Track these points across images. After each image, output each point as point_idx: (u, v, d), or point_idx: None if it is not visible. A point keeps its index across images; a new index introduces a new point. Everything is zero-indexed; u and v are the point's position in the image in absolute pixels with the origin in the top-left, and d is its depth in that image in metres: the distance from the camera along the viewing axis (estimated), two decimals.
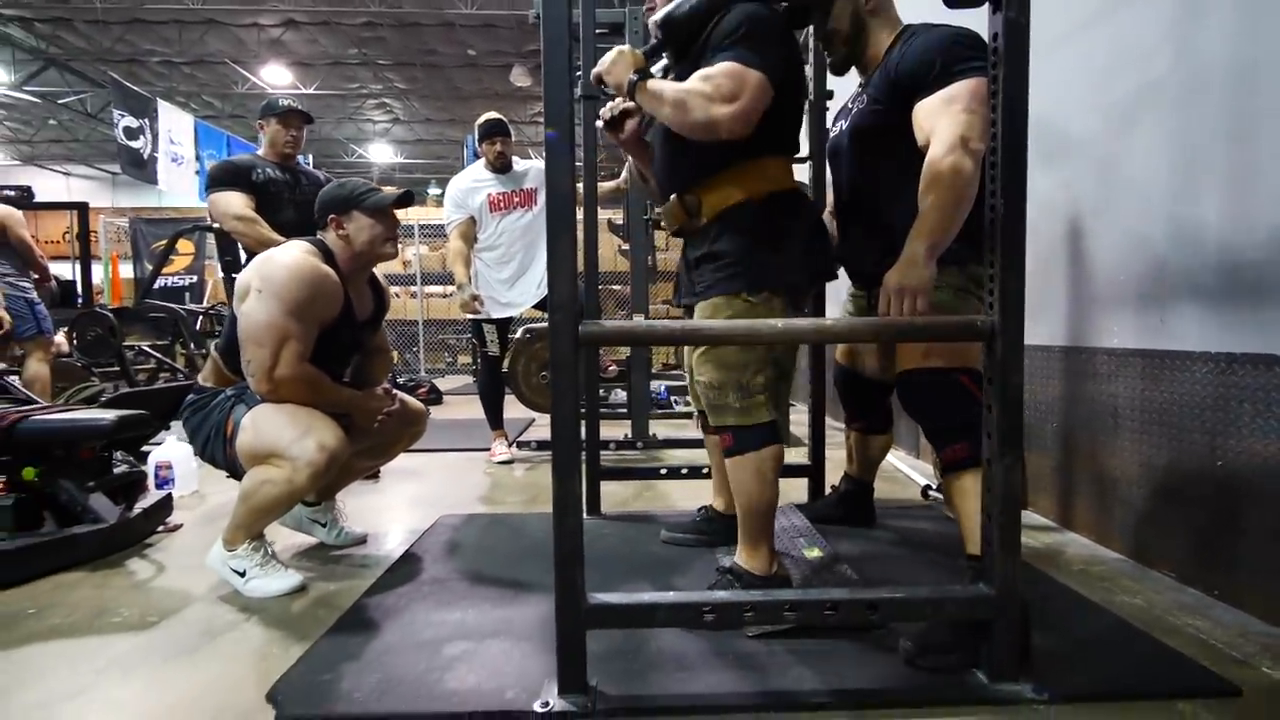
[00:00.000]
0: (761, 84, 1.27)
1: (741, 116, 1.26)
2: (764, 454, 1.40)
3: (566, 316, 1.08)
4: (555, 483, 1.10)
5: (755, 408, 1.39)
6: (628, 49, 1.38)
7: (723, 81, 1.26)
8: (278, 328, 1.56)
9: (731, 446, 1.42)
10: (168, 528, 2.16)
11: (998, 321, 1.10)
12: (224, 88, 13.07)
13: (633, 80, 1.33)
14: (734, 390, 1.38)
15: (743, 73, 1.26)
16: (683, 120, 1.29)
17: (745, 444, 1.40)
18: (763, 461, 1.40)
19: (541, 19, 1.07)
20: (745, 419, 1.39)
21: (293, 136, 2.56)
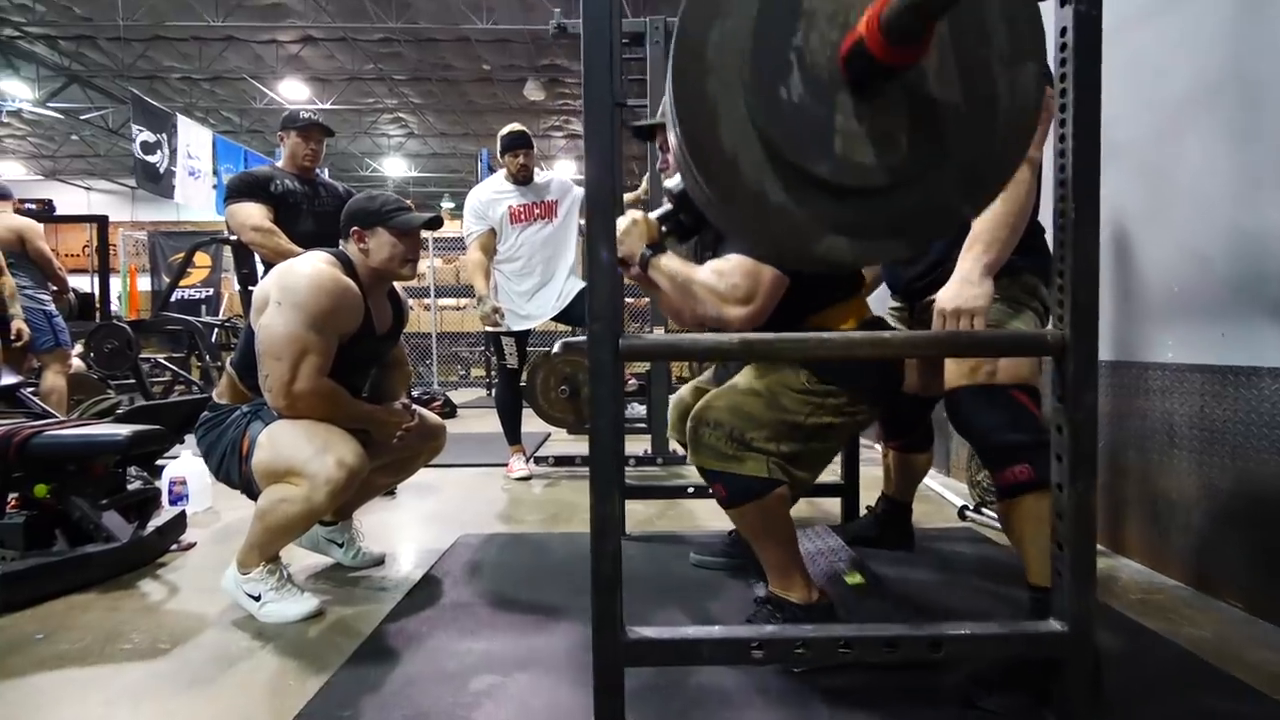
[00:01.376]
0: (776, 281, 1.24)
1: (755, 318, 1.22)
2: (766, 501, 1.25)
3: (606, 327, 1.01)
4: (593, 503, 1.03)
5: (748, 459, 1.24)
6: (641, 218, 1.33)
7: (738, 281, 1.22)
8: (297, 340, 1.50)
9: (725, 499, 1.28)
10: (181, 546, 2.11)
11: (1069, 335, 1.02)
12: (242, 103, 13.24)
13: (646, 255, 1.30)
14: (728, 438, 1.24)
15: (757, 271, 1.22)
16: (694, 311, 1.27)
17: (739, 496, 1.26)
18: (766, 508, 1.26)
19: (583, 16, 1.01)
20: (735, 466, 1.24)
21: (312, 149, 2.53)
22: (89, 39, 10.70)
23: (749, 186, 0.75)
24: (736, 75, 0.74)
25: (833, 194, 0.75)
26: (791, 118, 0.73)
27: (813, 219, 0.76)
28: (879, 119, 0.73)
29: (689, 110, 0.75)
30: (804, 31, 0.73)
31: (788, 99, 0.73)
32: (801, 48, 0.73)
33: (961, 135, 0.76)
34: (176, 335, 6.34)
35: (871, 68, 0.71)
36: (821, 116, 0.73)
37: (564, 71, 12.16)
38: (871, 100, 0.73)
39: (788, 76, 0.73)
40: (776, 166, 0.75)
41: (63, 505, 1.84)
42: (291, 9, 9.95)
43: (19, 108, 12.27)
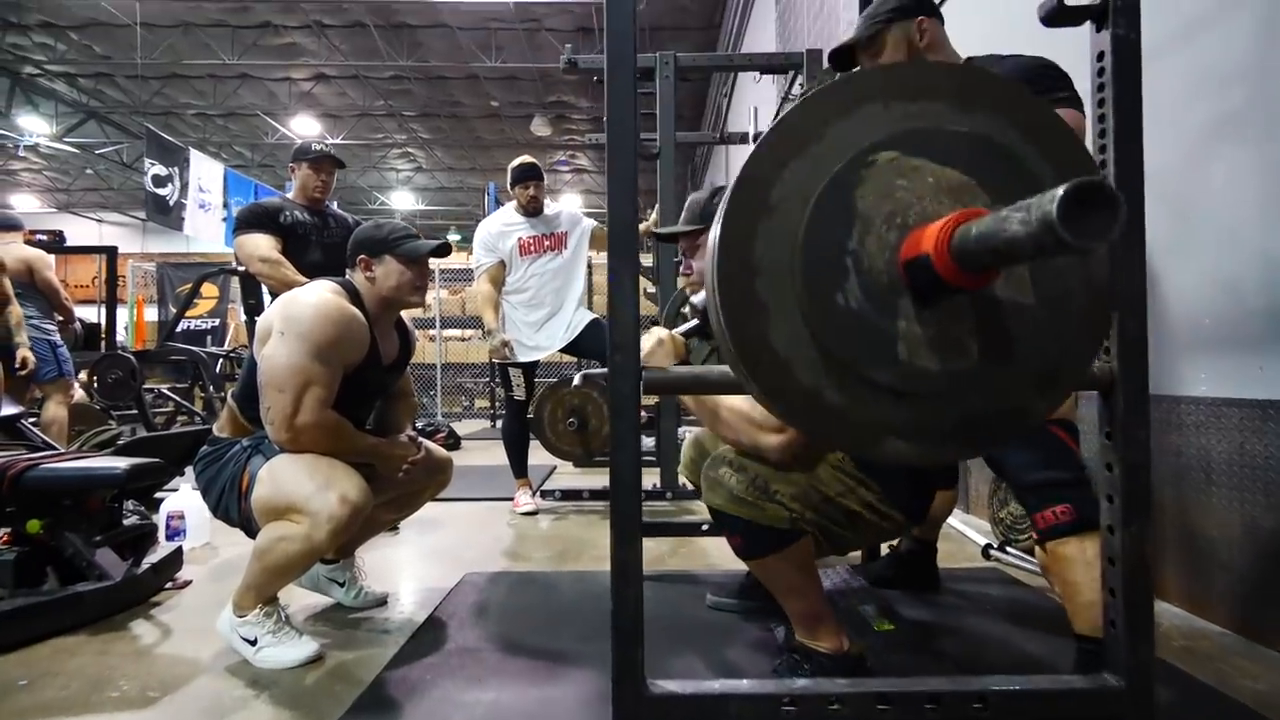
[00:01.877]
0: None
1: (792, 445, 1.17)
2: (787, 552, 1.18)
3: (628, 359, 0.96)
4: (614, 546, 0.97)
5: (767, 507, 1.16)
6: (667, 336, 1.29)
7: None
8: (301, 371, 1.45)
9: (742, 549, 1.21)
10: (176, 584, 2.03)
11: (1117, 369, 0.96)
12: (255, 138, 13.49)
13: None
14: (750, 485, 1.17)
15: None
16: (724, 436, 1.23)
17: (760, 546, 1.18)
18: (789, 559, 1.19)
19: (606, 34, 0.99)
20: (753, 513, 1.16)
21: (323, 181, 2.53)
22: (108, 77, 10.96)
23: (803, 388, 0.71)
24: (788, 279, 0.71)
25: (895, 396, 0.71)
26: (851, 324, 0.69)
27: (873, 422, 0.72)
28: (944, 325, 0.69)
29: (737, 313, 0.71)
30: (859, 235, 0.69)
31: (845, 305, 0.69)
32: (858, 251, 0.69)
33: (1033, 335, 0.72)
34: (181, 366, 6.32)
35: (937, 283, 0.66)
36: (883, 322, 0.69)
37: (570, 107, 12.39)
38: (935, 305, 0.69)
39: (844, 282, 0.69)
40: (833, 370, 0.71)
41: (55, 541, 1.78)
42: (305, 48, 10.20)
43: (36, 142, 12.51)
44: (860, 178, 0.69)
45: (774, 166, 0.72)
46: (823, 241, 0.69)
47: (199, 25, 9.49)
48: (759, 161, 0.72)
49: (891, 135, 0.70)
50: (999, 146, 0.71)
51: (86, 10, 8.96)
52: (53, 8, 8.90)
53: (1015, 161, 0.71)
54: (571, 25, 9.61)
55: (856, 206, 0.69)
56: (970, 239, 0.58)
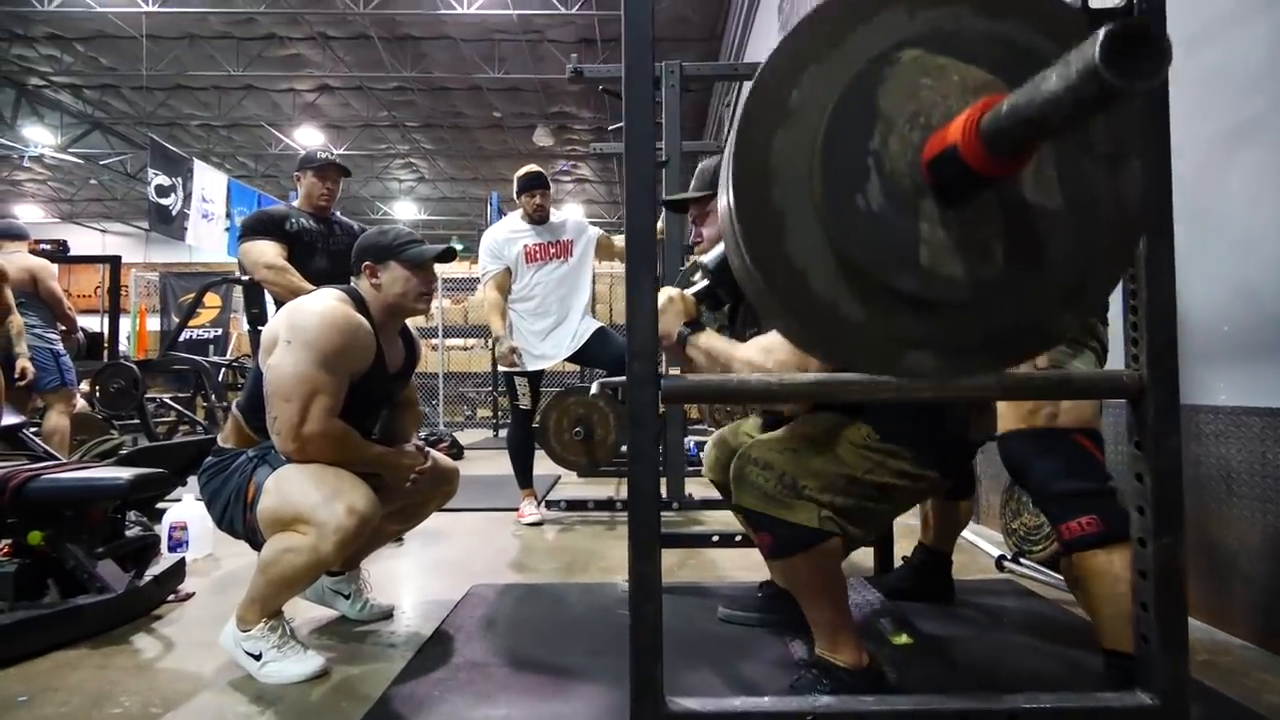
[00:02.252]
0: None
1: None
2: (816, 553, 1.15)
3: (647, 367, 0.94)
4: (632, 560, 0.94)
5: (799, 507, 1.15)
6: (678, 294, 1.28)
7: (784, 358, 1.15)
8: (307, 380, 1.43)
9: (770, 548, 1.18)
10: (179, 596, 2.00)
11: (1147, 377, 0.94)
12: (258, 149, 13.54)
13: (684, 333, 1.25)
14: (778, 482, 1.15)
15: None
16: None
17: (789, 545, 1.15)
18: (816, 560, 1.16)
19: (624, 40, 0.97)
20: (783, 512, 1.15)
21: (328, 189, 2.52)
22: (113, 88, 11.02)
23: (821, 302, 0.68)
24: (805, 184, 0.68)
25: (916, 308, 0.68)
26: (871, 229, 0.66)
27: (894, 335, 0.68)
28: (969, 228, 0.66)
29: (753, 222, 0.68)
30: (881, 135, 0.66)
31: (866, 209, 0.66)
32: (880, 152, 0.66)
33: (1060, 242, 0.68)
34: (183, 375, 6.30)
35: (964, 177, 0.63)
36: (905, 227, 0.66)
37: (572, 118, 12.44)
38: (960, 207, 0.66)
39: (864, 184, 0.66)
40: (852, 280, 0.67)
41: (57, 553, 1.75)
42: (310, 59, 10.25)
43: (41, 153, 12.57)
44: (884, 76, 0.66)
45: (792, 71, 0.69)
46: (843, 142, 0.66)
47: (204, 37, 9.54)
48: (776, 66, 0.69)
49: (917, 34, 0.68)
50: (1025, 47, 0.67)
51: (93, 22, 9.02)
52: (59, 20, 8.96)
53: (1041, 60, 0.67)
54: (574, 37, 9.66)
55: (879, 106, 0.66)
56: (1001, 115, 0.55)
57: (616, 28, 9.28)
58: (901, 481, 1.22)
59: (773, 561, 1.21)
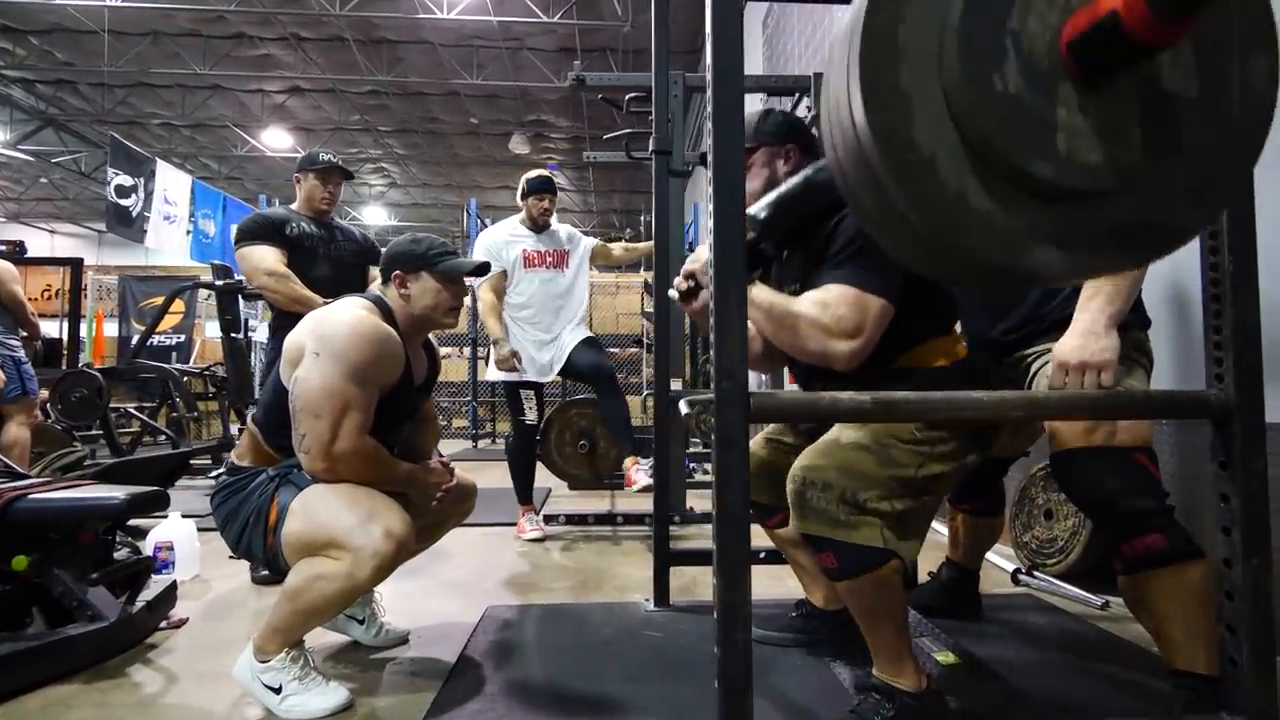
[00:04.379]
0: (884, 312, 1.15)
1: (862, 352, 1.14)
2: (881, 572, 1.14)
3: (737, 384, 0.90)
4: (721, 590, 0.90)
5: (863, 525, 1.14)
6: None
7: (844, 313, 1.14)
8: (338, 394, 1.36)
9: (835, 570, 1.16)
10: (171, 623, 1.88)
11: (1233, 397, 0.94)
12: (222, 150, 13.15)
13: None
14: (840, 502, 1.14)
15: (864, 302, 1.14)
16: (793, 344, 1.18)
17: (853, 567, 1.14)
18: (881, 581, 1.15)
19: (710, 48, 0.94)
20: (846, 534, 1.13)
21: (330, 192, 2.43)
22: (69, 83, 10.57)
23: (949, 190, 0.64)
24: (935, 63, 0.64)
25: (1045, 200, 0.65)
26: (1008, 112, 0.63)
27: (1023, 228, 0.65)
28: (1106, 112, 0.63)
29: (878, 103, 0.64)
30: (1020, 13, 0.63)
31: (1003, 90, 0.63)
32: (1018, 32, 0.63)
33: (1194, 133, 0.66)
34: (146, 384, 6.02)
35: (1113, 51, 0.61)
36: (1043, 110, 0.63)
37: (549, 126, 12.39)
38: (1097, 92, 0.63)
39: (1002, 65, 0.63)
40: (983, 168, 0.64)
41: (42, 579, 1.62)
42: (280, 60, 10.01)
43: None
44: None
45: None
46: (982, 20, 0.63)
47: (169, 34, 9.23)
48: None
49: None
50: None
51: (50, 14, 8.64)
52: (15, 12, 8.56)
53: None
54: (554, 46, 9.64)
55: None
56: None
57: (597, 38, 9.33)
58: (947, 466, 1.21)
59: (837, 583, 1.18)
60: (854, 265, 1.16)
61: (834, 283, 1.17)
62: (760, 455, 1.56)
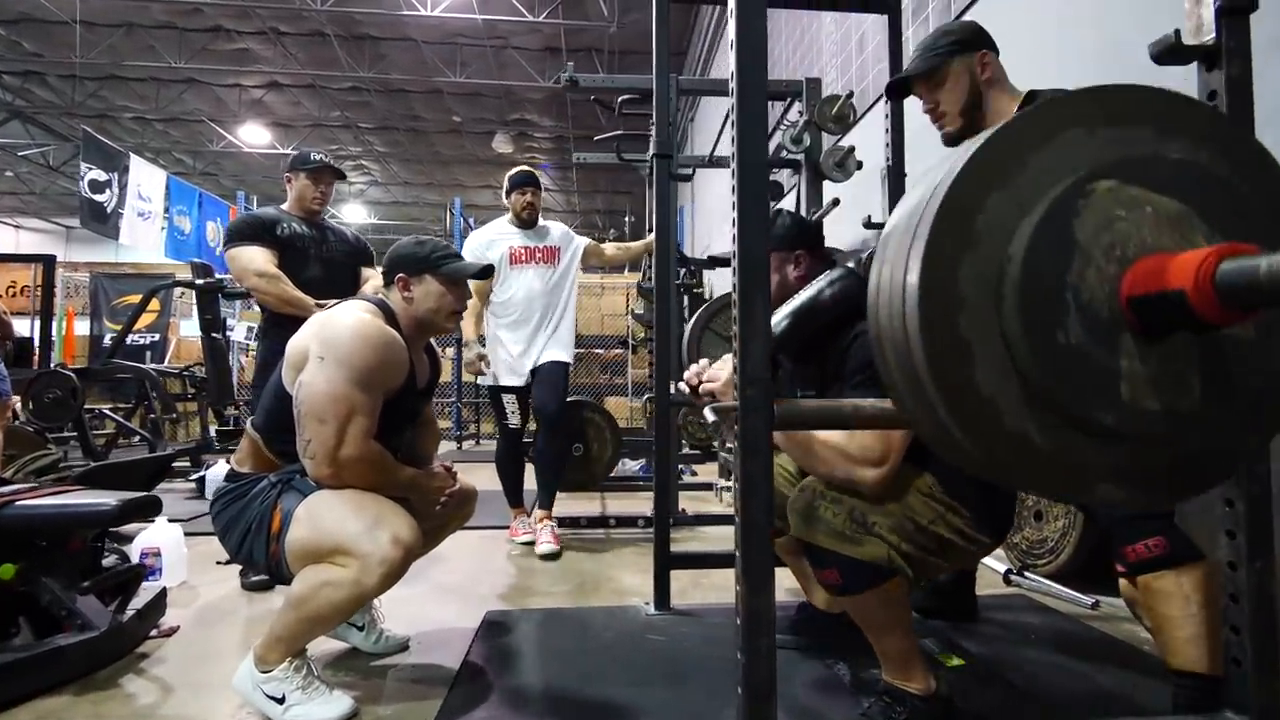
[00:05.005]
0: (906, 441, 1.16)
1: (889, 478, 1.15)
2: (886, 587, 1.15)
3: (761, 392, 0.91)
4: (744, 596, 0.90)
5: (868, 542, 1.15)
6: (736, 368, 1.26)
7: (869, 442, 1.15)
8: (343, 399, 1.34)
9: (839, 585, 1.17)
10: (161, 631, 1.83)
11: None
12: (197, 145, 12.88)
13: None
14: (848, 517, 1.15)
15: (888, 431, 1.15)
16: (817, 470, 1.19)
17: (858, 583, 1.15)
18: (886, 595, 1.16)
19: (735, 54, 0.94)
20: (852, 549, 1.14)
21: (322, 192, 2.39)
22: (37, 75, 10.27)
23: (1011, 431, 0.67)
24: (993, 313, 0.67)
25: (1105, 439, 0.68)
26: (1071, 363, 0.65)
27: (1084, 465, 0.68)
28: (1167, 363, 0.66)
29: (940, 352, 0.67)
30: (1079, 268, 0.65)
31: (1065, 342, 0.65)
32: (1078, 286, 0.65)
33: (1248, 369, 0.69)
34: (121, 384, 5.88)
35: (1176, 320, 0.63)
36: (1107, 361, 0.65)
37: (533, 126, 12.33)
38: (1159, 343, 0.66)
39: (1064, 318, 0.65)
40: (1043, 411, 0.67)
41: (29, 588, 1.57)
42: (259, 55, 9.84)
43: None
44: (1079, 207, 0.66)
45: (978, 195, 0.69)
46: (1042, 274, 0.65)
47: (144, 26, 9.02)
48: (962, 191, 0.68)
49: (1108, 162, 0.68)
50: (1212, 174, 0.69)
51: (20, 4, 8.40)
52: None
53: (1229, 189, 0.69)
54: (539, 45, 9.60)
55: (1076, 237, 0.66)
56: (1259, 275, 0.55)
57: (582, 38, 9.31)
58: (959, 540, 1.21)
59: (841, 597, 1.19)
60: (876, 390, 1.16)
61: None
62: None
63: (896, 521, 1.16)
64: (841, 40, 4.26)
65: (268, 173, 14.12)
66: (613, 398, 7.87)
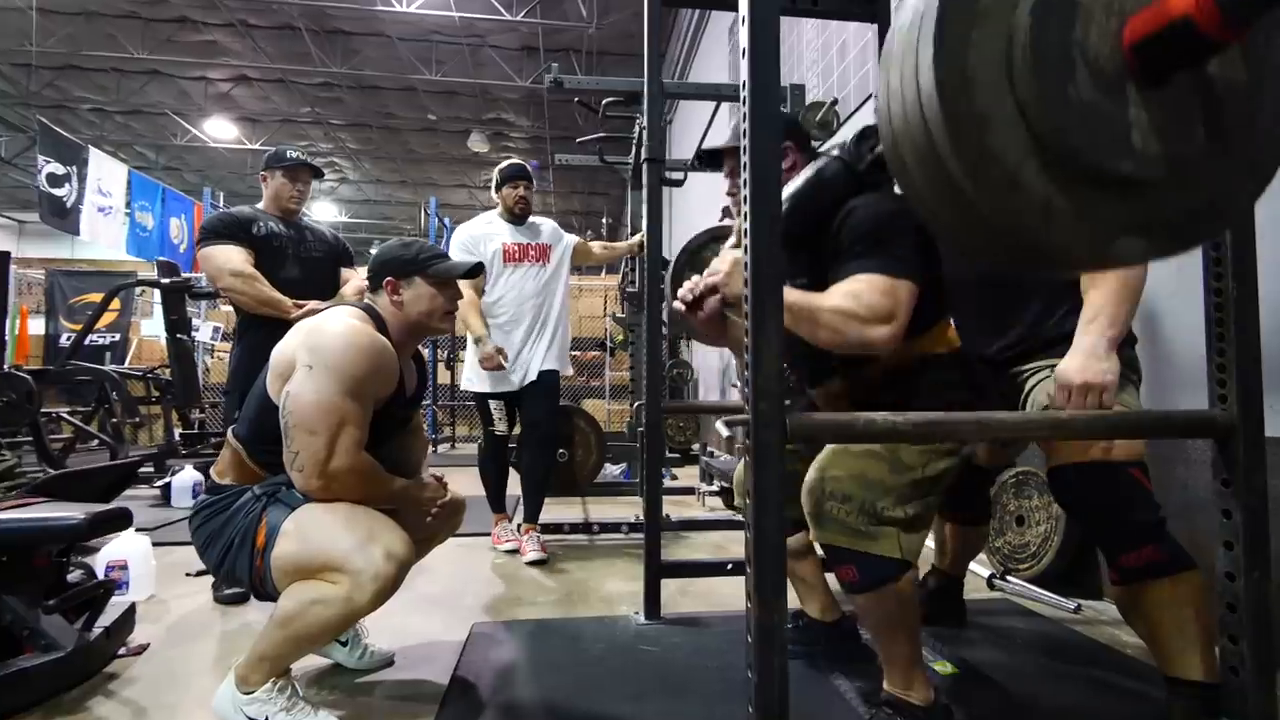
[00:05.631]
0: (912, 294, 1.17)
1: (898, 335, 1.15)
2: (900, 584, 1.17)
3: (774, 406, 0.89)
4: (756, 614, 0.89)
5: (883, 537, 1.17)
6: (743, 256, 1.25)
7: (876, 301, 1.15)
8: (334, 409, 1.29)
9: (856, 583, 1.18)
10: (130, 650, 1.75)
11: (1236, 417, 0.99)
12: (161, 138, 12.48)
13: None
14: (860, 512, 1.17)
15: (893, 287, 1.16)
16: (831, 340, 1.17)
17: (874, 578, 1.17)
18: (900, 593, 1.18)
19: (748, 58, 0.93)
20: (868, 545, 1.17)
21: (299, 190, 2.32)
22: None
23: (1036, 196, 0.68)
24: (1004, 83, 0.68)
25: (1119, 194, 0.70)
26: (1085, 118, 0.67)
27: (1105, 220, 0.69)
28: (1172, 109, 0.69)
29: (960, 128, 0.67)
30: (1082, 26, 0.67)
31: (1077, 99, 0.67)
32: (1083, 43, 0.67)
33: (1245, 117, 0.72)
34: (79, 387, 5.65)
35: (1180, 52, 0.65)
36: (1117, 111, 0.68)
37: (509, 125, 12.22)
38: (1161, 88, 0.68)
39: (1073, 76, 0.67)
40: (1061, 171, 0.68)
41: None
42: (226, 47, 9.57)
43: None
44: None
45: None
46: (1048, 37, 0.67)
47: (105, 15, 8.71)
48: None
49: None
50: None
51: None
52: None
53: None
54: (517, 44, 9.51)
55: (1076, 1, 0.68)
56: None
57: (560, 38, 9.26)
58: (949, 462, 1.24)
59: (856, 596, 1.19)
60: (876, 254, 1.18)
61: (859, 273, 1.18)
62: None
63: (899, 492, 1.18)
64: (822, 47, 4.30)
65: (234, 168, 13.77)
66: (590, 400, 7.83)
